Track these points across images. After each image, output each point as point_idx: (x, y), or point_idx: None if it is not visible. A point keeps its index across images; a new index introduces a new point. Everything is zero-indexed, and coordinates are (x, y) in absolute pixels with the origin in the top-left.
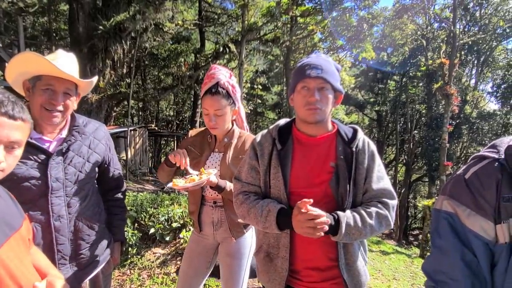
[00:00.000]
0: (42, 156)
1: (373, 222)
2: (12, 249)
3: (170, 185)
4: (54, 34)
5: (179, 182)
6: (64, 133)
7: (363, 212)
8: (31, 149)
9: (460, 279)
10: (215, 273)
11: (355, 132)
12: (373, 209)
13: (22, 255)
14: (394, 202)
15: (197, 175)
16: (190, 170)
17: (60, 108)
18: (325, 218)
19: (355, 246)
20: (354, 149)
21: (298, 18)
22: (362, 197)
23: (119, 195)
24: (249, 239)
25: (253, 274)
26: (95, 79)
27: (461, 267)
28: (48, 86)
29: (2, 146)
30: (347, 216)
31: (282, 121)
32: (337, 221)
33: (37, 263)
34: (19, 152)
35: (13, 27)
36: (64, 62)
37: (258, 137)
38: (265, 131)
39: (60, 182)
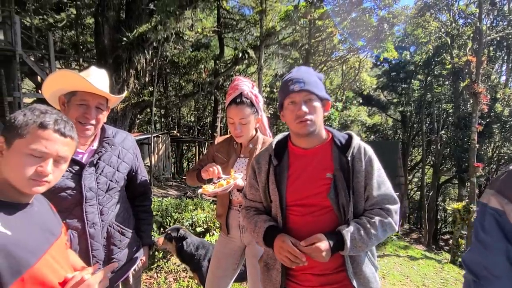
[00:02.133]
0: (76, 167)
1: (378, 232)
2: (55, 253)
3: (200, 191)
4: (81, 47)
5: (208, 188)
6: (95, 145)
7: (366, 223)
8: None
9: (503, 277)
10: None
11: (349, 138)
12: (376, 218)
13: (62, 257)
14: (396, 207)
15: (224, 180)
16: (224, 176)
17: (93, 122)
18: (302, 255)
19: (361, 255)
20: (349, 157)
21: (317, 21)
22: (364, 204)
23: (146, 201)
24: None
25: (240, 278)
26: (124, 94)
27: (505, 266)
28: (82, 101)
29: (52, 159)
30: (350, 232)
31: (279, 136)
32: (341, 237)
33: (73, 263)
34: (64, 166)
35: (44, 41)
36: (97, 79)
37: (257, 155)
38: (264, 148)
39: (93, 191)
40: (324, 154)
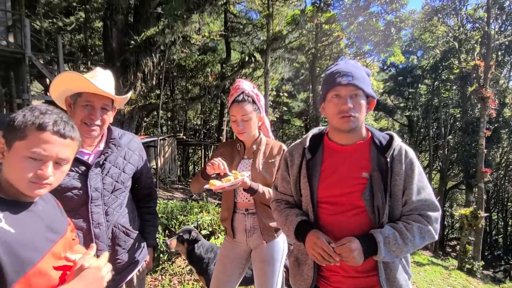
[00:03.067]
0: (83, 168)
1: (415, 238)
2: (60, 251)
3: (207, 186)
4: (89, 50)
5: (216, 182)
6: (102, 146)
7: (403, 228)
8: (73, 161)
9: None
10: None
11: (391, 139)
12: (414, 224)
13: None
14: (437, 214)
15: (231, 176)
16: (229, 173)
17: (98, 122)
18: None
19: (395, 261)
20: (388, 158)
21: (323, 25)
22: (401, 208)
23: (151, 202)
24: (281, 244)
25: (247, 282)
26: (129, 94)
27: None
28: (88, 102)
29: (51, 162)
30: (384, 235)
31: (315, 130)
32: (374, 240)
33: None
34: (66, 167)
35: (53, 44)
36: (102, 80)
37: (290, 147)
38: (298, 141)
39: (98, 192)
40: (361, 152)
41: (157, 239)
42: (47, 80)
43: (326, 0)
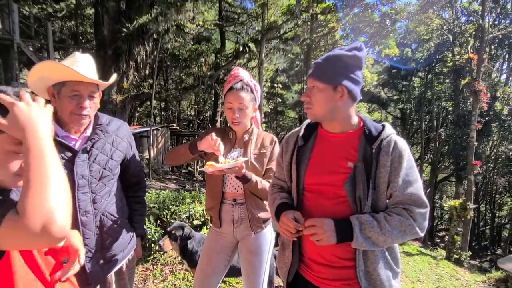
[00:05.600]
0: (69, 154)
1: (394, 231)
2: None
3: (202, 168)
4: (80, 38)
5: (214, 164)
6: (89, 132)
7: (382, 218)
8: (59, 147)
9: None
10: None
11: (382, 130)
12: (395, 217)
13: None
14: (422, 210)
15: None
16: (221, 159)
17: (87, 111)
18: (295, 224)
19: (376, 253)
20: (374, 149)
21: (319, 15)
22: (387, 202)
23: (140, 191)
24: (269, 235)
25: (237, 273)
26: (113, 77)
27: None
28: (74, 92)
29: None
30: (360, 220)
31: None
32: (350, 226)
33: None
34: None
35: (43, 31)
36: (84, 66)
37: (288, 135)
38: (296, 128)
39: (85, 179)
40: (350, 142)
41: (149, 229)
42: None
43: None
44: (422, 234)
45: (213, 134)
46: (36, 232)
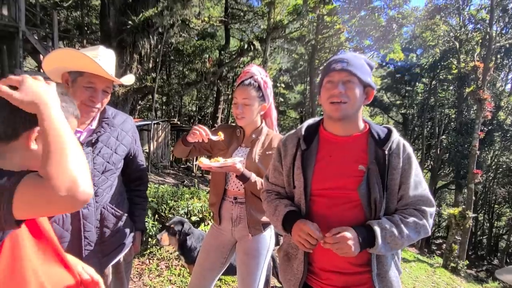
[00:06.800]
0: None
1: (411, 232)
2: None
3: (196, 162)
4: (85, 28)
5: (204, 161)
6: (94, 124)
7: (399, 221)
8: None
9: None
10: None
11: (389, 132)
12: (410, 219)
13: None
14: (432, 210)
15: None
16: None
17: (98, 105)
18: (319, 235)
19: (387, 256)
20: (386, 151)
21: (325, 16)
22: (397, 203)
23: (142, 186)
24: (268, 239)
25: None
26: (132, 79)
27: None
28: (90, 84)
29: None
30: (382, 227)
31: (311, 120)
32: (371, 232)
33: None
34: None
35: (48, 20)
36: (106, 61)
37: (284, 138)
38: (292, 131)
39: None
40: (358, 144)
41: (147, 223)
42: (41, 56)
43: None
44: (430, 233)
45: (196, 127)
46: (62, 194)
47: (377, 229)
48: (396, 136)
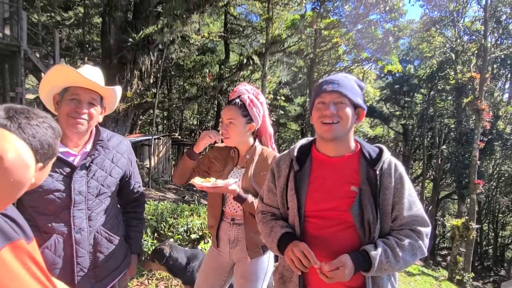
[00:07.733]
0: (67, 169)
1: (407, 255)
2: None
3: (191, 181)
4: (87, 46)
5: (197, 180)
6: (89, 147)
7: (395, 244)
8: (57, 162)
9: None
10: None
11: (380, 152)
12: (406, 241)
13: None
14: (428, 230)
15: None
16: (212, 179)
17: (85, 116)
18: (317, 263)
19: (383, 277)
20: (378, 171)
21: (322, 30)
22: (391, 224)
23: (139, 207)
24: (266, 262)
25: None
26: (118, 90)
27: None
28: (74, 96)
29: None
30: (379, 254)
31: (303, 141)
32: (368, 258)
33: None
34: (50, 165)
35: (50, 39)
36: (89, 73)
37: (277, 158)
38: (286, 152)
39: (82, 196)
40: (350, 165)
41: (146, 241)
42: (42, 74)
43: (326, 6)
44: (427, 253)
45: (206, 135)
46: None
47: (374, 257)
48: (387, 156)
